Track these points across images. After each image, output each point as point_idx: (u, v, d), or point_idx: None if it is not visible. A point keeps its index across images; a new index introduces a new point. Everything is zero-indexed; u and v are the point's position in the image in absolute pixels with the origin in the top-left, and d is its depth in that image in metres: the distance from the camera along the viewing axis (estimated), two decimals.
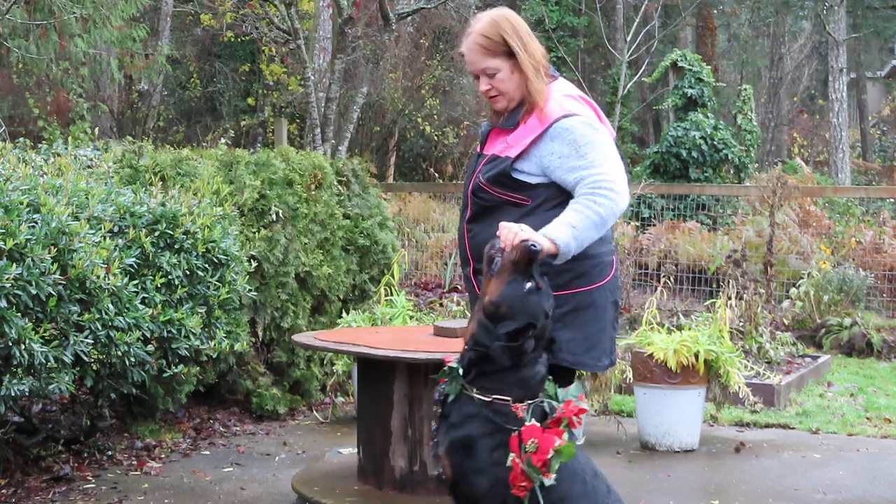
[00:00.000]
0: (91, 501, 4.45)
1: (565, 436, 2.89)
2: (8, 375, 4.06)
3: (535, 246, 2.91)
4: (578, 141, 3.21)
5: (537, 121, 3.28)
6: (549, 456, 2.83)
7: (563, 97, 3.31)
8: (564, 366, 3.21)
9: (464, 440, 2.93)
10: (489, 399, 2.92)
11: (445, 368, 3.01)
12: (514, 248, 2.92)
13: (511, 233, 2.95)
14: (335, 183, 6.87)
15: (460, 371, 2.97)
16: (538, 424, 2.88)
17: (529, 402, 2.93)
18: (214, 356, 5.36)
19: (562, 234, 3.05)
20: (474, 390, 2.94)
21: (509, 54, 3.22)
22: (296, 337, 4.58)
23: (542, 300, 2.94)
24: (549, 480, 2.84)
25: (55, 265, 4.04)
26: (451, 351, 4.30)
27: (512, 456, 2.87)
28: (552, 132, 3.24)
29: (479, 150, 3.42)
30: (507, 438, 2.89)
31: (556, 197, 3.24)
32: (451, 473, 2.96)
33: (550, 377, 3.04)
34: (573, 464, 2.91)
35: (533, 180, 3.24)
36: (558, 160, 3.21)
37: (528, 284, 2.91)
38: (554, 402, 2.98)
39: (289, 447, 5.51)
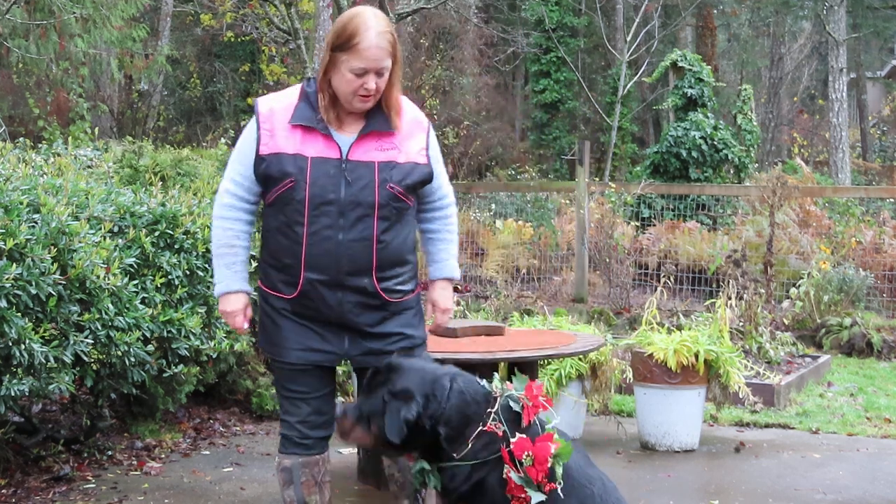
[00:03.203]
0: (91, 501, 4.45)
1: (556, 437, 2.89)
2: (8, 375, 4.07)
3: None
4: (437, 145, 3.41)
5: (415, 123, 3.33)
6: (549, 465, 2.83)
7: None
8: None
9: (476, 486, 2.89)
10: (467, 447, 2.89)
11: (416, 471, 2.98)
12: None
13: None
14: None
15: (425, 465, 2.95)
16: (524, 436, 2.86)
17: (489, 411, 2.90)
18: (214, 356, 5.37)
19: (457, 271, 3.52)
20: (454, 458, 2.90)
21: (394, 58, 3.19)
22: None
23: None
24: (540, 495, 2.82)
25: (55, 265, 4.05)
26: (451, 351, 4.30)
27: (506, 469, 2.85)
28: (431, 135, 3.38)
29: (338, 155, 3.17)
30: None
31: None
32: None
33: (485, 379, 3.03)
34: (577, 476, 2.90)
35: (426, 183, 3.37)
36: (437, 164, 3.39)
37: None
38: (515, 394, 2.94)
39: None
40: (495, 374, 3.22)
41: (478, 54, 20.06)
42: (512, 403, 2.93)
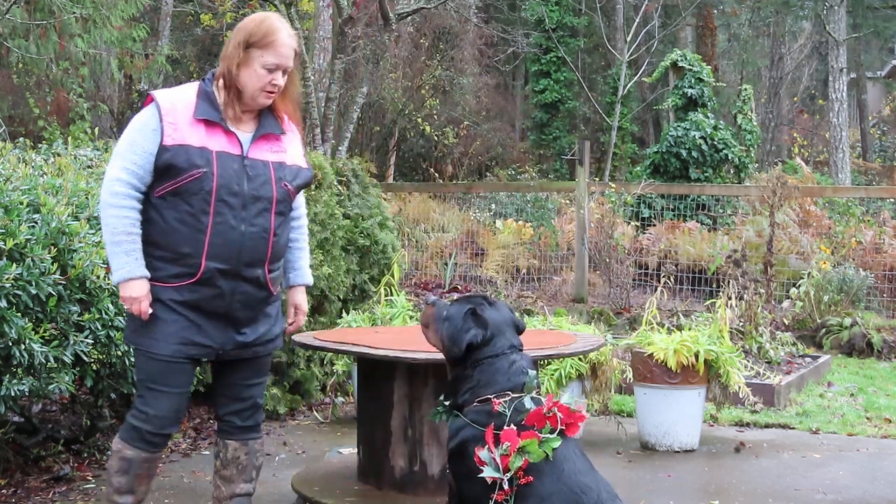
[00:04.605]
0: (91, 501, 4.45)
1: (545, 436, 2.91)
2: (8, 375, 4.07)
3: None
4: None
5: (295, 131, 3.57)
6: (510, 455, 2.88)
7: None
8: (270, 352, 3.59)
9: (458, 447, 3.05)
10: (472, 404, 3.07)
11: (436, 408, 3.24)
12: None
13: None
14: (335, 183, 6.87)
15: (445, 402, 3.20)
16: (514, 426, 2.94)
17: (513, 397, 3.04)
18: None
19: (311, 278, 3.80)
20: (459, 409, 3.13)
21: (294, 64, 3.43)
22: (296, 337, 4.58)
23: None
24: (495, 473, 2.90)
25: (55, 265, 4.05)
26: None
27: (485, 449, 2.93)
28: (301, 142, 3.60)
29: (239, 151, 3.35)
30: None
31: None
32: (455, 483, 3.08)
33: (533, 371, 3.18)
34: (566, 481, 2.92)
35: None
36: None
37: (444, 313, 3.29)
38: (540, 398, 3.05)
39: (289, 447, 5.51)
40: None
41: (478, 54, 20.05)
42: (528, 401, 3.03)
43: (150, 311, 3.31)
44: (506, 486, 2.89)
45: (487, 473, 2.89)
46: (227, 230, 3.30)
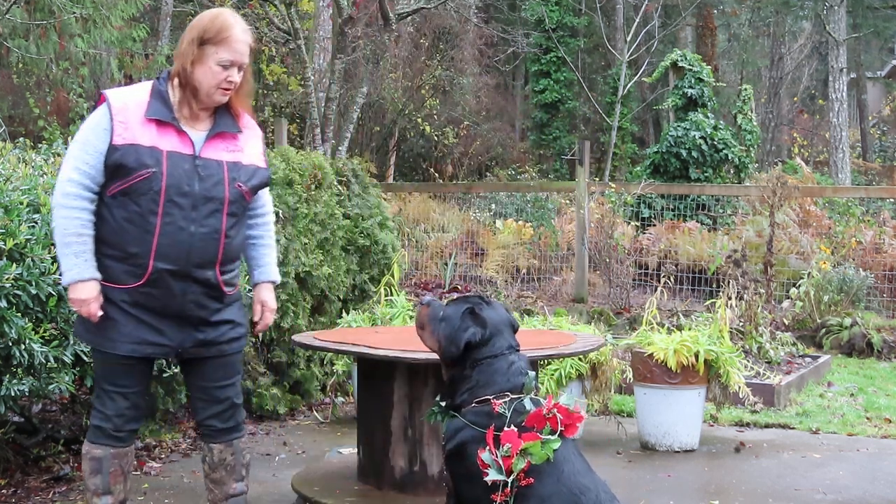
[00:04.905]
0: None
1: (546, 437, 2.91)
2: (8, 375, 4.07)
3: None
4: None
5: (253, 129, 3.54)
6: (513, 458, 2.88)
7: None
8: (237, 351, 3.56)
9: (457, 448, 3.04)
10: (471, 405, 3.06)
11: (432, 408, 3.22)
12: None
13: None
14: (335, 183, 6.87)
15: (441, 403, 3.18)
16: (514, 427, 2.94)
17: (512, 398, 3.03)
18: None
19: (278, 275, 3.78)
20: (458, 409, 3.11)
21: (249, 60, 3.42)
22: (296, 337, 4.58)
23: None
24: (499, 476, 2.89)
25: (55, 265, 4.04)
26: None
27: (486, 450, 2.92)
28: (263, 143, 3.60)
29: (191, 151, 3.33)
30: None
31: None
32: (453, 485, 3.07)
33: (532, 372, 3.18)
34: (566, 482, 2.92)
35: None
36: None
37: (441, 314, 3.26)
38: (540, 399, 3.05)
39: (289, 447, 5.51)
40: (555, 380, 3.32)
41: (478, 54, 20.05)
42: (528, 402, 3.02)
43: (100, 313, 3.30)
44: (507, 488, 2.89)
45: (492, 476, 2.88)
46: (176, 231, 3.28)
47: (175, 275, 3.30)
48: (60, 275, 3.34)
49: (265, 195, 3.69)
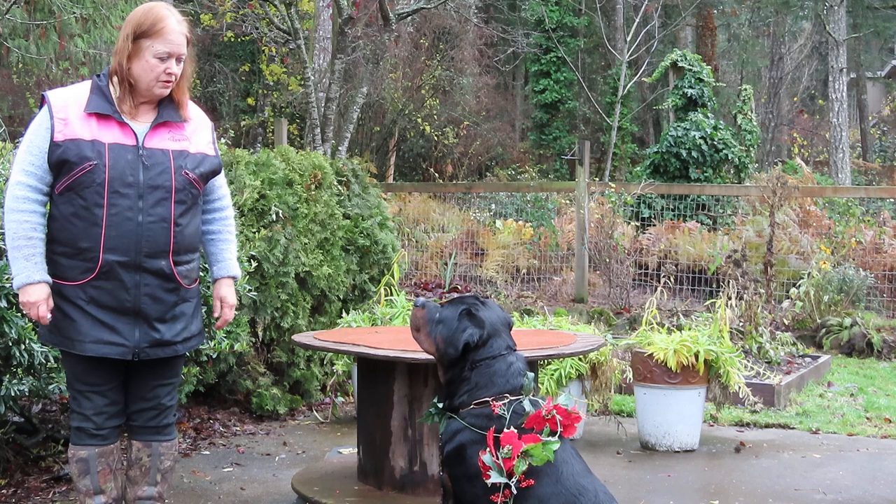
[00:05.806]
0: None
1: (546, 438, 2.91)
2: (8, 375, 4.07)
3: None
4: None
5: (202, 119, 3.56)
6: (514, 460, 2.87)
7: None
8: (188, 350, 3.54)
9: (456, 450, 3.03)
10: (469, 407, 3.05)
11: (429, 409, 3.21)
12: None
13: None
14: (335, 183, 6.87)
15: (438, 404, 3.17)
16: (514, 429, 2.94)
17: (511, 399, 3.03)
18: (214, 356, 5.37)
19: (239, 270, 3.73)
20: (456, 411, 3.10)
21: (188, 51, 3.43)
22: (296, 337, 4.58)
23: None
24: (501, 478, 2.89)
25: None
26: None
27: (487, 452, 2.92)
28: (215, 134, 3.60)
29: (134, 142, 3.33)
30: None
31: None
32: (451, 486, 3.06)
33: (531, 373, 3.16)
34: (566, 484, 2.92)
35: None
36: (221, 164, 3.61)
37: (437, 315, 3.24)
38: (539, 400, 3.04)
39: (289, 447, 5.51)
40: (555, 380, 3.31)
41: (478, 54, 20.06)
42: (527, 403, 3.02)
43: (49, 316, 3.29)
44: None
45: (494, 479, 2.88)
46: (123, 221, 3.28)
47: (126, 266, 3.29)
48: (10, 279, 3.33)
49: (223, 189, 3.67)
